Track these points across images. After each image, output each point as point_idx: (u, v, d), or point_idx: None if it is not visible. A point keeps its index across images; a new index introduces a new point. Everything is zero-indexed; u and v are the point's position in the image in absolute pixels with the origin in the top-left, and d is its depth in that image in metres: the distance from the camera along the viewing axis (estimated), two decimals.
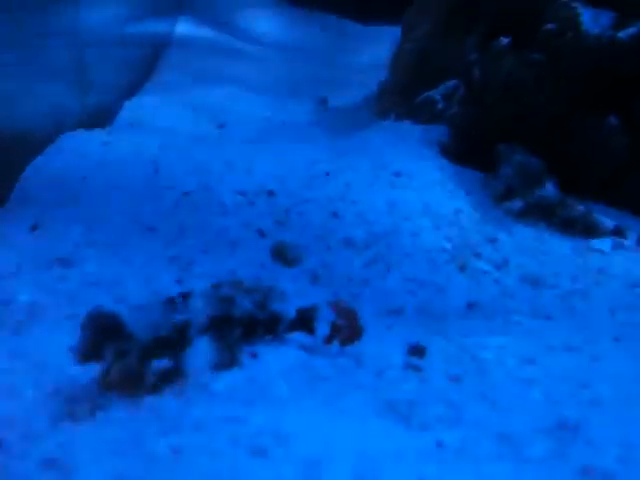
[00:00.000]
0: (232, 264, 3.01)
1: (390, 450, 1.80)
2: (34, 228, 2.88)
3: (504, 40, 4.20)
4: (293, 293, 2.68)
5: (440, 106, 4.74)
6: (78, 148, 3.83)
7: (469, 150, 4.27)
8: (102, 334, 1.99)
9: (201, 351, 2.15)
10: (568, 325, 3.02)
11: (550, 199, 3.92)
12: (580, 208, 3.83)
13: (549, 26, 3.99)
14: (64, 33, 4.24)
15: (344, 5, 10.18)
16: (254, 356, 2.22)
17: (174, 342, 2.10)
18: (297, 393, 2.06)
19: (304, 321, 2.34)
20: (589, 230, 3.79)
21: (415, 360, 2.47)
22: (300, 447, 1.79)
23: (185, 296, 2.16)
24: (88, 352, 1.99)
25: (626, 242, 3.82)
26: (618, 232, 3.78)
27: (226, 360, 2.17)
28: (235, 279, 2.33)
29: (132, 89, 5.97)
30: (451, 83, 4.76)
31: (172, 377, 2.08)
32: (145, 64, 6.57)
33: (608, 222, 3.86)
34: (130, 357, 2.02)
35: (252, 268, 3.03)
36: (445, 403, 2.07)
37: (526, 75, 4.08)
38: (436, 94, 4.78)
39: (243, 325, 2.23)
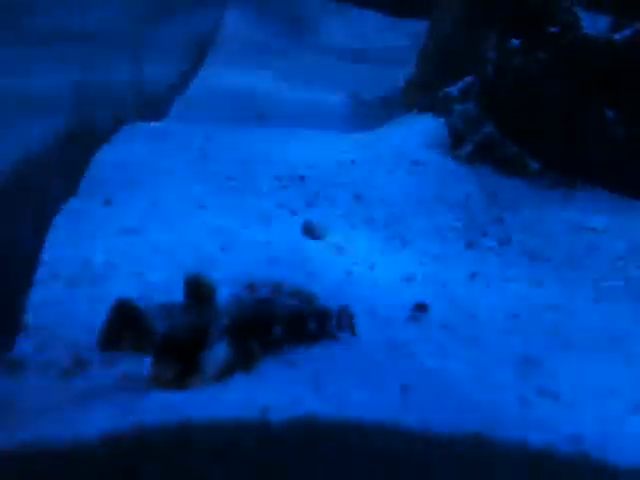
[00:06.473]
0: (268, 237, 3.56)
1: None
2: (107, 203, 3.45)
3: (515, 41, 4.66)
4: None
5: (458, 101, 5.18)
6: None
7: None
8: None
9: None
10: None
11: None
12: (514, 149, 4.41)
13: (553, 29, 4.46)
14: None
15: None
16: None
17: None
18: None
19: None
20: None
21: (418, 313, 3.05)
22: None
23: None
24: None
25: None
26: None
27: None
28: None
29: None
30: (469, 79, 5.20)
31: None
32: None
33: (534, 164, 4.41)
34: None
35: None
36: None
37: (533, 70, 4.55)
38: (454, 90, 5.23)
39: None
